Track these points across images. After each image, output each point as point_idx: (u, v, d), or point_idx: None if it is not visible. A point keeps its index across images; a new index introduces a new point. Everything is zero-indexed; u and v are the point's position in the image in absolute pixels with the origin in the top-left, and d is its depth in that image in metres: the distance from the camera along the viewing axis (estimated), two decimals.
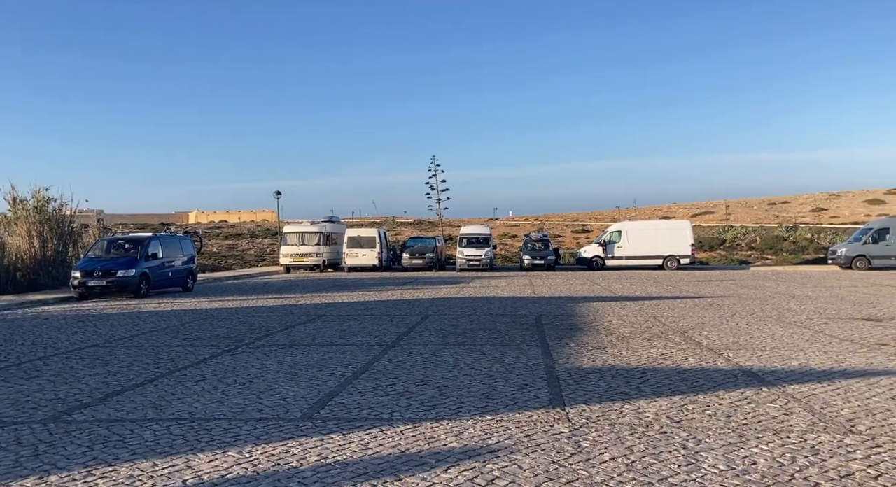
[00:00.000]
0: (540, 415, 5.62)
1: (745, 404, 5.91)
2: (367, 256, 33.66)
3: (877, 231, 30.55)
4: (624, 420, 5.43)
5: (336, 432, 5.23)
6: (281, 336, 10.86)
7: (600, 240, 34.65)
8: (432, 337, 10.42)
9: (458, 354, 8.74)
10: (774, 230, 51.99)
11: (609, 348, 9.09)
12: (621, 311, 13.78)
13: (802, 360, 7.98)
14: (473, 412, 5.77)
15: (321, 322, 12.70)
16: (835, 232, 50.23)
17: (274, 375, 7.56)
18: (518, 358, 8.35)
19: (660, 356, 8.44)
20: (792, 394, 6.24)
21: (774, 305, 14.71)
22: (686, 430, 5.13)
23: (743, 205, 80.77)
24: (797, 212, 71.50)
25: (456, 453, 4.67)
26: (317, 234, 34.70)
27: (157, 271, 20.37)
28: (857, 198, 78.04)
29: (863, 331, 10.39)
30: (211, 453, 4.76)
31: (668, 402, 6.01)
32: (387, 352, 8.99)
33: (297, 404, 6.18)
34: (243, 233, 57.72)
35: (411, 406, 6.00)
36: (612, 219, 59.92)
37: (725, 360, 8.07)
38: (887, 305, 14.39)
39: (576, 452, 4.64)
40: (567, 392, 6.49)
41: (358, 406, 6.03)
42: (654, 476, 4.14)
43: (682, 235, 32.94)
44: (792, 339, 9.67)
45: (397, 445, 4.88)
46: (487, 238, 34.54)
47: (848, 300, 15.74)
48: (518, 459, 4.51)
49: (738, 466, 4.29)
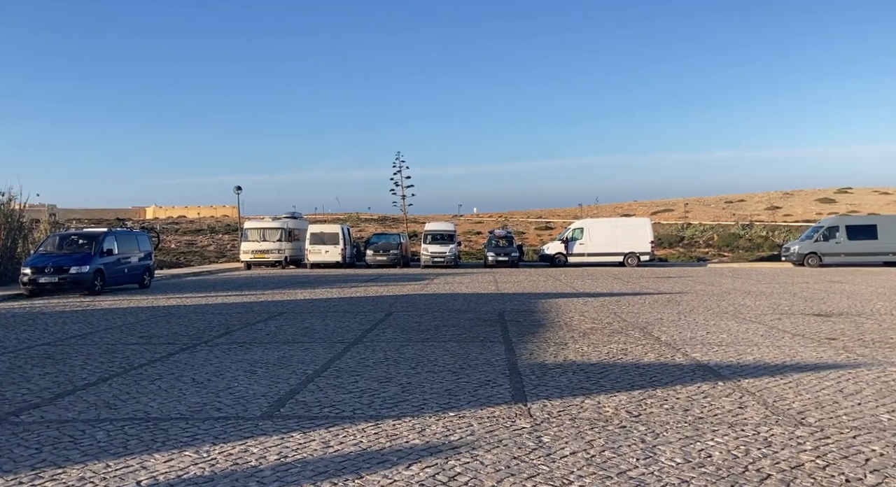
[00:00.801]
0: (502, 411, 5.65)
1: (701, 398, 6.04)
2: (330, 253, 33.37)
3: (827, 229, 31.60)
4: (584, 415, 5.49)
5: (296, 430, 5.17)
6: (241, 333, 10.68)
7: (563, 237, 35.05)
8: (395, 334, 10.39)
9: (421, 351, 8.73)
10: (731, 228, 53.34)
11: (571, 344, 9.19)
12: (583, 307, 13.95)
13: (756, 355, 8.19)
14: (436, 408, 5.76)
15: (282, 319, 12.54)
16: (788, 230, 51.79)
17: (233, 373, 7.43)
18: (481, 355, 8.37)
19: (620, 351, 8.57)
20: (746, 388, 6.40)
21: (730, 301, 15.08)
22: (644, 424, 5.21)
23: (701, 204, 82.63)
24: (753, 210, 73.48)
25: (418, 450, 4.66)
26: (278, 230, 34.25)
27: (113, 267, 19.83)
28: (810, 196, 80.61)
29: (814, 327, 10.73)
30: (167, 453, 4.65)
31: (628, 397, 6.10)
32: (349, 350, 8.92)
33: (257, 402, 6.08)
34: (203, 229, 56.61)
35: (373, 404, 5.96)
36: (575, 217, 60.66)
37: (683, 355, 8.24)
38: (837, 301, 14.90)
39: (537, 447, 4.67)
40: (529, 387, 6.54)
41: (319, 405, 5.97)
42: (613, 470, 4.20)
43: (643, 233, 33.54)
44: (747, 334, 9.93)
45: (359, 443, 4.84)
46: (452, 235, 34.60)
47: (800, 296, 16.24)
48: (480, 455, 4.52)
49: (695, 459, 4.38)
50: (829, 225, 32.19)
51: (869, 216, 38.78)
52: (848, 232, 30.98)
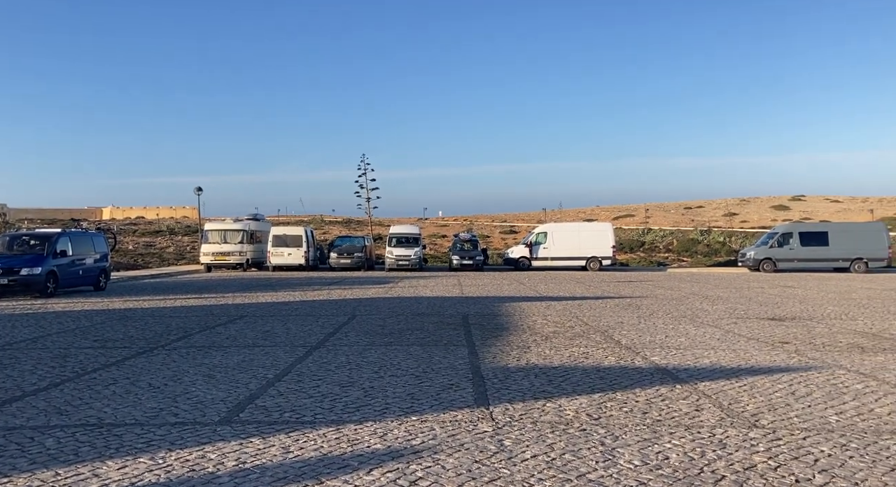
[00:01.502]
0: (465, 415, 5.66)
1: (659, 401, 6.14)
2: (293, 255, 33.01)
3: (782, 235, 32.56)
4: (546, 419, 5.53)
5: (256, 436, 5.09)
6: (200, 337, 10.47)
7: (527, 241, 35.35)
8: (359, 337, 10.32)
9: (384, 355, 8.69)
10: (690, 233, 54.52)
11: (533, 347, 9.27)
12: (546, 311, 14.08)
13: (713, 358, 8.38)
14: (398, 413, 5.74)
15: (243, 322, 12.34)
16: (745, 236, 53.16)
17: (191, 378, 7.28)
18: (445, 358, 8.38)
19: (581, 355, 8.67)
20: (703, 391, 6.54)
21: (689, 305, 15.41)
22: (604, 427, 5.28)
23: (661, 209, 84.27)
24: (711, 216, 75.24)
25: (379, 454, 4.63)
26: (240, 232, 33.76)
27: (67, 269, 19.25)
28: (765, 203, 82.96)
29: (768, 330, 11.03)
30: (120, 460, 4.52)
31: (588, 400, 6.17)
32: (311, 354, 8.83)
33: (216, 407, 5.97)
34: (162, 231, 55.36)
35: (335, 408, 5.91)
36: (539, 221, 61.20)
37: (642, 359, 8.38)
38: (790, 305, 15.35)
39: (498, 451, 4.69)
40: (492, 391, 6.56)
41: (279, 409, 5.89)
42: (573, 473, 4.24)
43: (604, 237, 34.05)
44: (704, 338, 10.15)
45: (319, 448, 4.79)
46: (417, 238, 34.57)
47: (755, 300, 16.69)
48: (441, 459, 4.52)
49: (652, 461, 4.46)
50: (783, 231, 33.17)
51: (821, 223, 40.07)
52: (801, 238, 31.97)
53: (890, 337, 10.24)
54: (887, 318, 12.70)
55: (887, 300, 16.76)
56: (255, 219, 36.67)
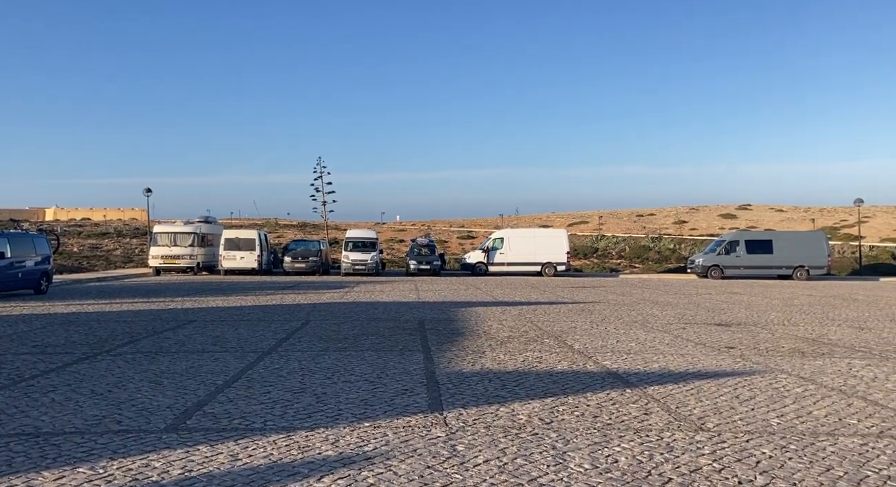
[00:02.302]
0: (418, 420, 5.64)
1: (610, 405, 6.25)
2: (246, 259, 32.40)
3: (729, 243, 33.60)
4: (499, 423, 5.56)
5: (203, 443, 4.96)
6: (146, 342, 10.17)
7: (484, 246, 35.57)
8: (312, 342, 10.18)
9: (338, 360, 8.60)
10: (641, 240, 55.76)
11: (488, 352, 9.31)
12: (501, 316, 14.18)
13: (662, 363, 8.57)
14: (351, 419, 5.68)
15: (192, 327, 12.04)
16: (694, 243, 54.68)
17: (136, 384, 7.06)
18: (399, 364, 8.34)
19: (535, 359, 8.75)
20: (652, 395, 6.68)
21: (640, 311, 15.73)
22: (556, 431, 5.34)
23: (614, 216, 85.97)
24: (662, 223, 77.12)
25: (331, 461, 4.57)
26: (191, 235, 32.98)
27: (5, 272, 18.46)
28: (714, 212, 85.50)
29: (715, 336, 11.35)
30: (58, 470, 4.35)
31: (541, 404, 6.23)
32: (262, 359, 8.67)
33: (162, 414, 5.80)
34: (109, 233, 53.63)
35: (286, 415, 5.81)
36: (496, 227, 61.66)
37: (594, 363, 8.51)
38: (736, 311, 15.83)
39: (451, 456, 4.69)
40: (446, 396, 6.56)
41: (228, 416, 5.76)
42: (525, 477, 4.27)
43: (559, 243, 34.53)
44: (654, 343, 10.38)
45: (269, 455, 4.70)
46: (374, 242, 34.37)
47: (703, 306, 17.16)
48: (394, 465, 4.49)
49: (602, 465, 4.53)
50: (730, 239, 34.23)
51: (766, 232, 41.49)
52: (747, 246, 33.05)
53: (828, 342, 10.66)
54: (826, 324, 13.23)
55: (826, 306, 17.45)
56: (206, 221, 35.89)
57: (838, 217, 75.06)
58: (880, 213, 76.19)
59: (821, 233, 36.62)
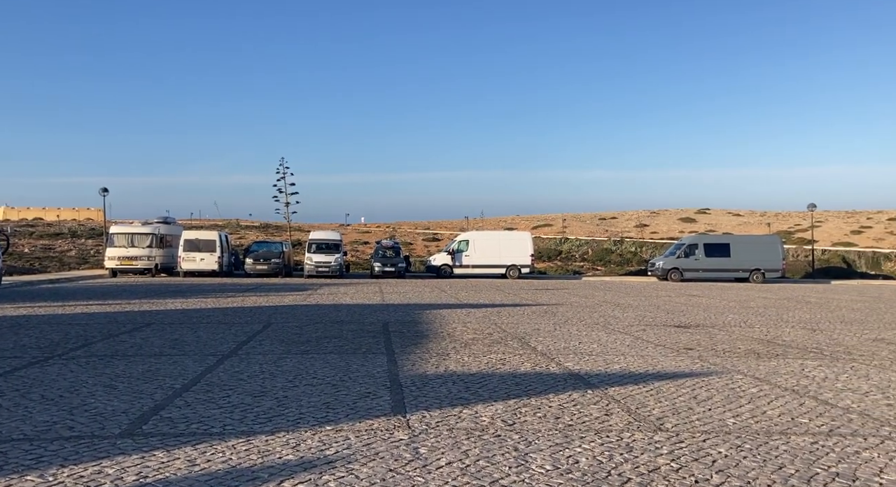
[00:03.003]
0: (381, 423, 5.61)
1: (571, 406, 6.31)
2: (206, 260, 31.82)
3: (688, 246, 34.33)
4: (462, 425, 5.57)
5: (160, 448, 4.84)
6: (101, 345, 9.89)
7: (449, 248, 35.64)
8: (274, 345, 10.05)
9: (300, 363, 8.50)
10: (604, 243, 56.59)
11: (452, 354, 9.32)
12: (465, 318, 14.21)
13: (623, 364, 8.70)
14: (313, 422, 5.62)
15: (150, 330, 11.76)
16: (654, 246, 55.69)
17: (90, 389, 6.86)
18: (363, 367, 8.28)
19: (498, 361, 8.79)
20: (612, 396, 6.77)
21: (601, 313, 15.95)
22: (518, 433, 5.37)
23: (577, 219, 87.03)
24: (623, 226, 78.40)
25: (291, 466, 4.51)
26: (149, 236, 32.27)
27: None
28: (674, 216, 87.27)
29: (674, 337, 11.58)
30: (4, 479, 4.19)
31: (504, 406, 6.26)
32: (222, 362, 8.51)
33: (116, 419, 5.64)
34: (63, 233, 52.03)
35: (246, 419, 5.71)
36: (461, 229, 61.80)
37: (557, 365, 8.59)
38: (694, 314, 16.18)
39: (413, 459, 4.68)
40: (409, 399, 6.54)
41: (186, 421, 5.63)
42: (487, 479, 4.28)
43: (524, 246, 34.81)
44: (615, 345, 10.53)
45: (228, 460, 4.61)
46: (338, 244, 34.10)
47: (663, 308, 17.49)
48: (355, 469, 4.45)
49: (563, 465, 4.57)
50: (689, 242, 34.98)
51: (724, 235, 42.51)
52: (706, 249, 33.81)
53: (782, 343, 10.97)
54: (780, 326, 13.61)
55: (781, 308, 17.96)
56: (165, 222, 35.15)
57: (793, 221, 77.42)
58: (832, 218, 78.84)
59: (776, 237, 37.71)
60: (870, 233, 66.31)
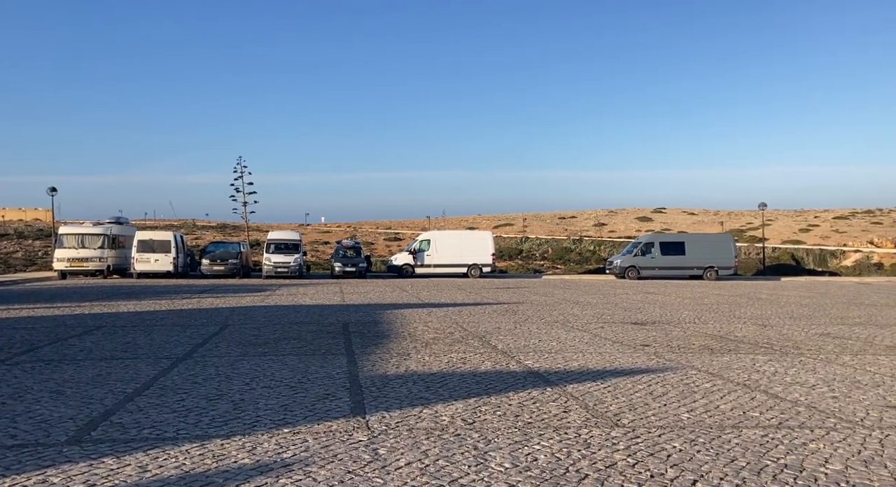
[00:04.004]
0: (340, 425, 5.54)
1: (531, 403, 6.35)
2: (161, 261, 31.06)
3: (644, 245, 34.97)
4: (422, 425, 5.54)
5: (109, 455, 4.69)
6: (49, 350, 9.54)
7: (410, 248, 35.54)
8: (230, 348, 9.85)
9: (257, 365, 8.35)
10: (563, 242, 57.28)
11: (413, 354, 9.28)
12: (427, 318, 14.18)
13: (581, 361, 8.81)
14: (270, 425, 5.52)
15: (100, 334, 11.40)
16: (612, 245, 56.64)
17: (35, 395, 6.60)
18: (322, 368, 8.19)
19: (459, 360, 8.80)
20: (571, 393, 6.84)
21: (561, 311, 16.13)
22: (478, 431, 5.37)
23: (538, 219, 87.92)
24: (582, 225, 79.51)
25: (247, 470, 4.42)
26: (100, 236, 31.35)
27: None
28: (631, 215, 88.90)
29: (631, 334, 11.78)
30: None
31: (464, 405, 6.26)
32: (177, 366, 8.30)
33: (63, 426, 5.44)
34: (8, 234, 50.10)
35: (200, 423, 5.58)
36: (423, 228, 61.77)
37: (517, 363, 8.64)
38: (651, 311, 16.49)
39: (372, 460, 4.64)
40: (369, 400, 6.49)
41: (138, 426, 5.47)
42: (446, 479, 4.27)
43: (485, 245, 34.95)
44: (574, 342, 10.65)
45: (181, 465, 4.49)
46: (297, 244, 33.65)
47: (620, 306, 17.78)
48: (313, 471, 4.39)
49: (522, 463, 4.59)
50: (645, 241, 35.64)
51: (679, 234, 43.48)
52: (661, 248, 34.50)
53: (735, 338, 11.27)
54: (733, 322, 13.98)
55: (733, 305, 18.46)
56: (117, 222, 34.21)
57: (744, 220, 79.70)
58: (782, 217, 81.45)
59: (728, 235, 38.74)
60: (817, 231, 68.77)
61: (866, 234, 64.24)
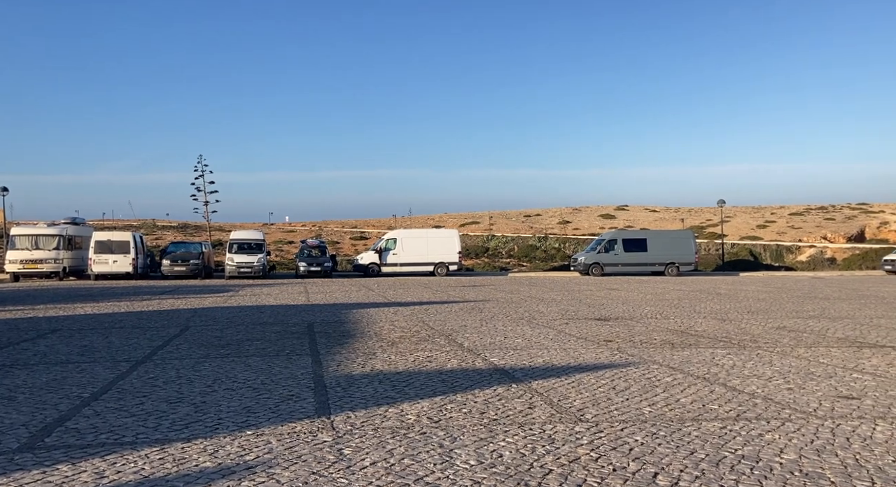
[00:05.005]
0: (304, 426, 5.49)
1: (496, 400, 6.39)
2: (119, 263, 30.34)
3: (608, 242, 35.49)
4: (387, 425, 5.53)
5: (64, 462, 4.55)
6: (0, 355, 9.22)
7: (376, 247, 35.41)
8: (192, 349, 9.67)
9: (219, 367, 8.21)
10: (529, 240, 57.73)
11: (379, 353, 9.24)
12: (393, 317, 14.14)
13: (546, 357, 8.89)
14: (232, 428, 5.44)
15: (56, 337, 11.07)
16: (577, 242, 57.33)
17: None
18: (286, 369, 8.09)
19: (426, 359, 8.79)
20: (536, 389, 6.90)
21: (526, 308, 16.25)
22: (443, 429, 5.38)
23: (504, 217, 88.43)
24: (547, 223, 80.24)
25: (209, 473, 4.34)
26: (55, 237, 30.48)
27: None
28: (595, 212, 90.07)
29: (595, 330, 11.93)
30: None
31: (430, 403, 6.26)
32: (136, 369, 8.12)
33: (15, 433, 5.27)
34: None
35: (160, 427, 5.46)
36: (389, 227, 61.54)
37: (483, 360, 8.68)
38: (614, 306, 16.74)
39: (337, 460, 4.60)
40: (334, 400, 6.44)
41: (95, 431, 5.33)
42: (411, 477, 4.26)
43: (451, 243, 35.03)
44: (539, 338, 10.74)
45: (140, 470, 4.39)
46: (261, 244, 33.22)
47: (585, 302, 18.00)
48: (277, 473, 4.34)
49: (487, 460, 4.61)
50: (609, 238, 36.18)
51: (641, 231, 44.23)
52: (624, 244, 35.06)
53: (695, 333, 11.51)
54: (693, 317, 14.28)
55: (694, 300, 18.86)
56: (73, 222, 33.29)
57: (704, 217, 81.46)
58: (740, 213, 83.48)
59: (689, 231, 39.54)
60: (773, 227, 70.72)
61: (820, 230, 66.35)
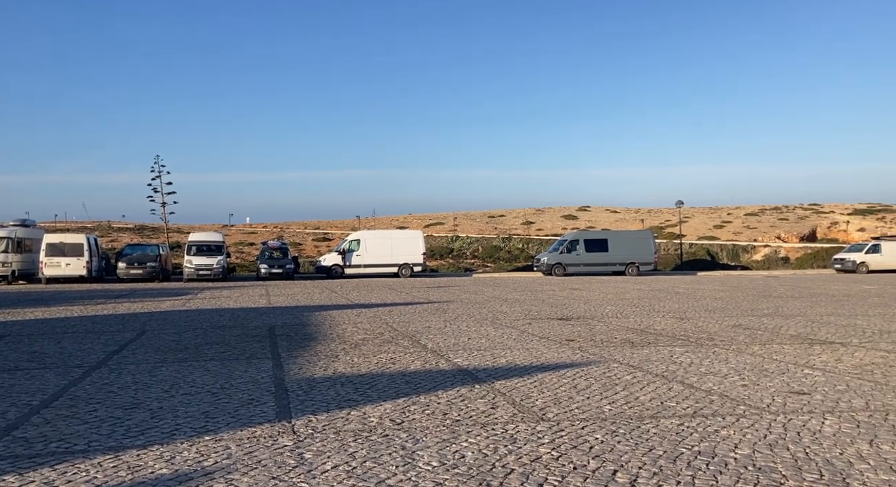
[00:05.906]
0: (264, 430, 5.41)
1: (459, 401, 6.40)
2: (73, 266, 29.46)
3: (570, 242, 35.91)
4: (349, 428, 5.48)
5: (11, 472, 4.39)
6: None
7: (340, 248, 35.13)
8: (148, 354, 9.44)
9: (177, 372, 8.03)
10: (493, 241, 58.05)
11: (342, 356, 9.17)
12: (356, 318, 14.05)
13: (509, 357, 8.94)
14: (190, 433, 5.32)
15: (2, 343, 10.68)
16: (540, 242, 57.86)
17: None
18: (246, 373, 7.96)
19: (389, 360, 8.76)
20: (499, 389, 6.94)
21: (490, 308, 16.33)
22: (406, 431, 5.36)
23: (468, 218, 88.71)
24: (511, 224, 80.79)
25: (165, 480, 4.24)
26: (3, 240, 29.49)
27: None
28: (557, 213, 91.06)
29: (557, 329, 12.05)
30: None
31: (393, 405, 6.24)
32: (89, 375, 7.88)
33: None
34: None
35: (115, 434, 5.31)
36: (353, 228, 61.13)
37: (446, 361, 8.68)
38: (576, 306, 16.94)
39: (298, 464, 4.54)
40: (295, 403, 6.36)
41: (44, 439, 5.16)
42: (373, 480, 4.24)
43: (415, 244, 34.98)
44: (502, 339, 10.80)
45: (92, 479, 4.26)
46: (220, 245, 32.65)
47: (547, 302, 18.18)
48: (235, 479, 4.26)
49: (450, 461, 4.61)
50: (571, 238, 36.62)
51: (602, 231, 44.87)
52: (586, 245, 35.53)
53: (654, 332, 11.72)
54: (652, 316, 14.55)
55: (653, 299, 19.21)
56: (23, 224, 32.20)
57: (663, 217, 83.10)
58: (698, 214, 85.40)
59: (649, 232, 40.28)
60: (730, 227, 72.56)
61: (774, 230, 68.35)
